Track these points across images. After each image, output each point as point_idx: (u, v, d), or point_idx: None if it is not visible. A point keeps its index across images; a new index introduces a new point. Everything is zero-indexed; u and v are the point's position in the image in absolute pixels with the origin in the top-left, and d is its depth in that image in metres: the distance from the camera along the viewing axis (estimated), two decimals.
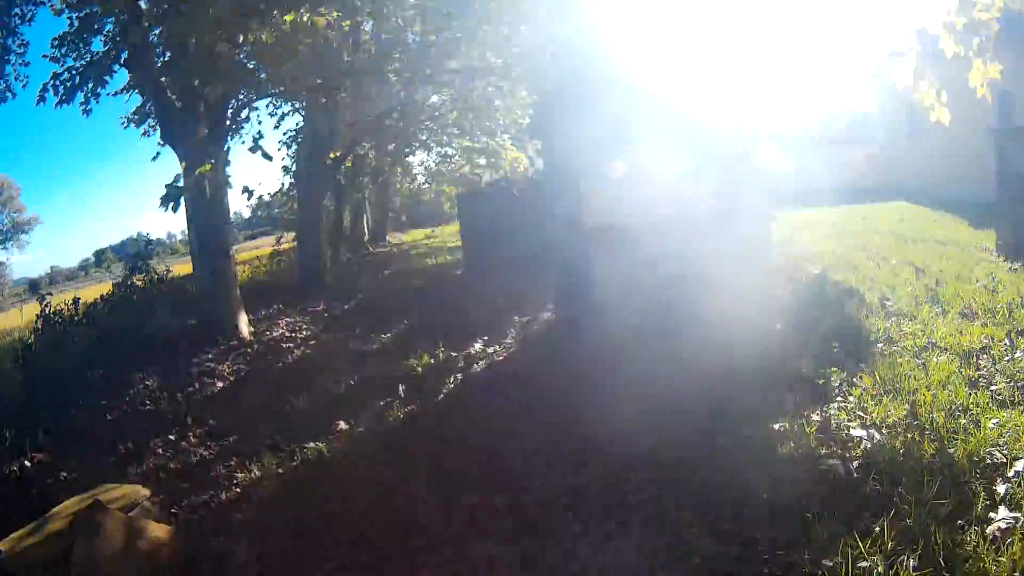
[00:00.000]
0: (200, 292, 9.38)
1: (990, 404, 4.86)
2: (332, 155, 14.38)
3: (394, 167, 24.29)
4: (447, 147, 20.87)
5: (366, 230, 26.23)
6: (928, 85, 6.14)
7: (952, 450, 4.13)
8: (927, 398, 4.96)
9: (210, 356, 8.51)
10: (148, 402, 6.92)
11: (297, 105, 16.60)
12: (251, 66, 9.09)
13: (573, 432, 4.77)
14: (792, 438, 4.38)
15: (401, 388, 6.36)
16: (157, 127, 11.25)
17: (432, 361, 7.28)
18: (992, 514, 3.33)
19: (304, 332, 9.80)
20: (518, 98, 13.54)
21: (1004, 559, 2.97)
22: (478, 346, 7.86)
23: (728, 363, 5.70)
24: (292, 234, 17.78)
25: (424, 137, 21.06)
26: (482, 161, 15.87)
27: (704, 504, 3.71)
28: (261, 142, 7.78)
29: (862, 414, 4.85)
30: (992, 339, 6.45)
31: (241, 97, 10.59)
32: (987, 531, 3.19)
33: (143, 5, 8.18)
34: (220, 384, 7.46)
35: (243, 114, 10.67)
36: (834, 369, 5.72)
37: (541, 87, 8.87)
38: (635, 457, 4.34)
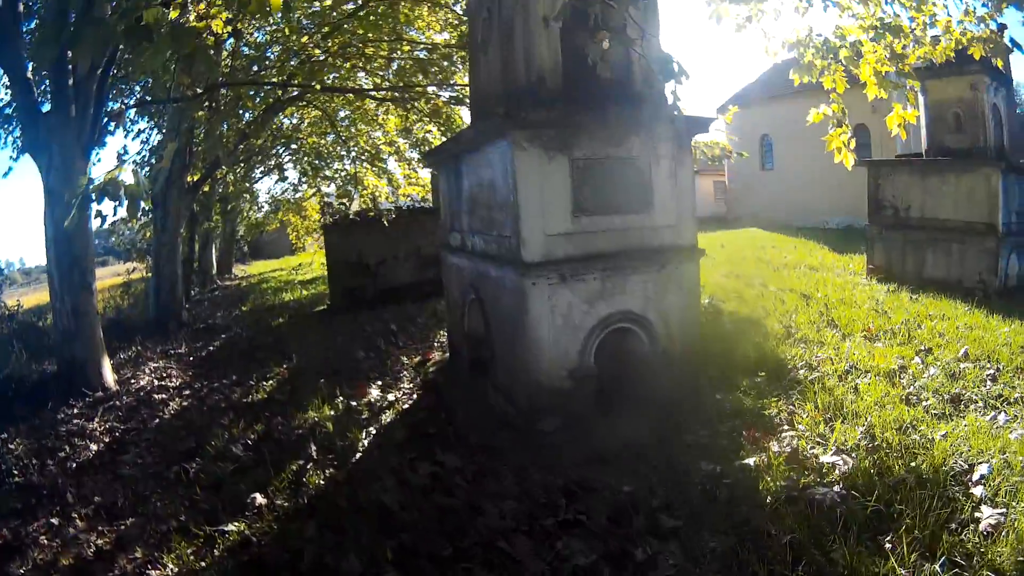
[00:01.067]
0: (58, 333, 8.64)
1: (927, 418, 5.65)
2: (191, 178, 14.38)
3: (242, 194, 24.88)
4: (298, 172, 21.30)
5: (213, 262, 26.16)
6: (841, 132, 7.37)
7: (919, 464, 4.90)
8: (876, 420, 5.77)
9: (77, 411, 7.89)
10: (16, 472, 6.16)
11: (158, 121, 16.32)
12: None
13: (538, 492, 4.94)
14: (767, 472, 4.87)
15: (312, 448, 6.08)
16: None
17: (333, 413, 7.04)
18: (977, 514, 4.03)
19: (175, 380, 9.36)
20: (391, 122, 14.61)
21: (1004, 549, 3.67)
22: (375, 392, 7.66)
23: (666, 398, 6.03)
24: (143, 265, 18.12)
25: (273, 163, 22.08)
26: (330, 189, 16.53)
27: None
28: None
29: (821, 440, 5.51)
30: (904, 359, 7.41)
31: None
32: (980, 529, 3.88)
33: None
34: (95, 447, 6.64)
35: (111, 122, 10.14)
36: (772, 399, 6.30)
37: None
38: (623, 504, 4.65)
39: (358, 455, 5.97)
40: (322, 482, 5.44)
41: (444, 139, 13.99)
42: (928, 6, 7.16)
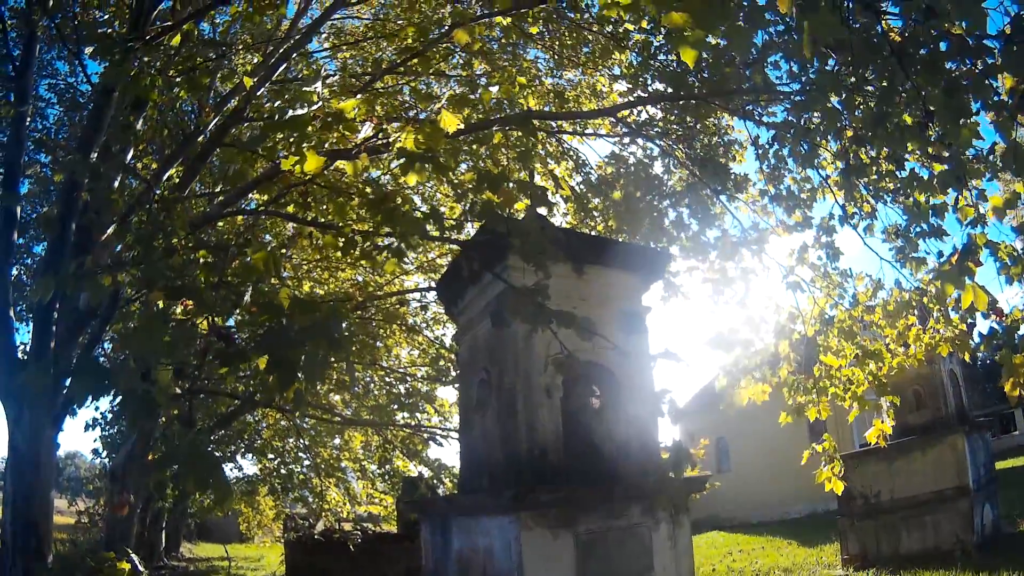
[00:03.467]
0: None
1: None
2: (153, 457, 13.64)
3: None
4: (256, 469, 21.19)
5: (162, 539, 24.75)
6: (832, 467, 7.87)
7: None
8: None
9: None
10: None
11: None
12: None
13: None
14: None
15: None
16: None
17: None
18: None
19: None
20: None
21: None
22: None
23: None
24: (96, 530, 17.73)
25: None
26: (290, 496, 16.32)
27: None
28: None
29: None
30: None
31: None
32: None
33: None
34: None
35: None
36: None
37: None
38: None
39: None
40: None
41: (411, 464, 14.13)
42: (902, 321, 7.82)
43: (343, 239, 6.09)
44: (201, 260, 4.85)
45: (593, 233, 9.46)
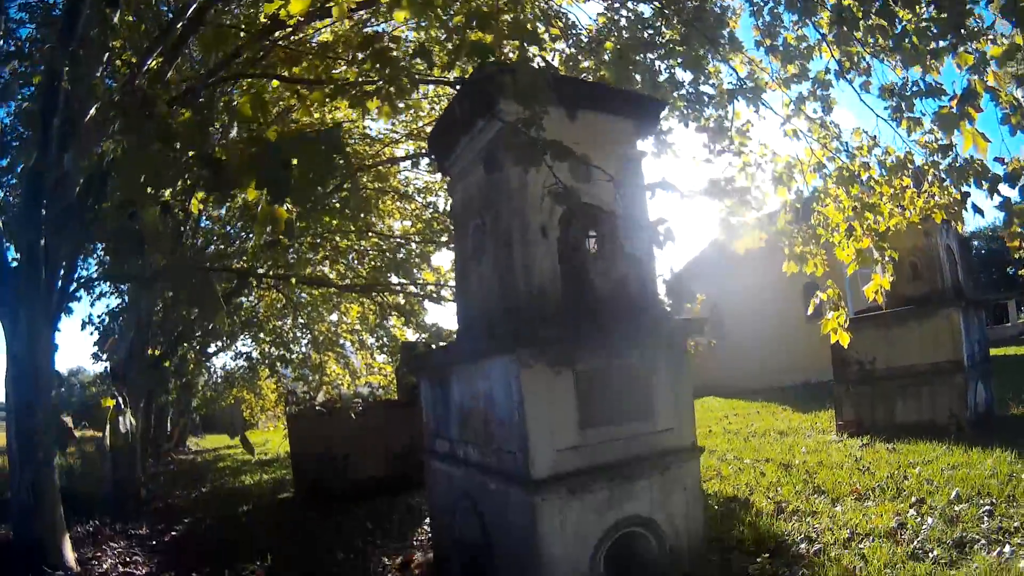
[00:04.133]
0: (16, 507, 8.04)
1: (937, 569, 5.93)
2: (153, 352, 14.09)
3: (198, 368, 24.63)
4: (256, 354, 21.34)
5: (168, 434, 25.99)
6: (838, 316, 7.84)
7: None
8: None
9: None
10: None
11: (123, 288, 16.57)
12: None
13: None
14: None
15: None
16: None
17: None
18: None
19: (141, 568, 8.80)
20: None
21: None
22: None
23: None
24: (100, 433, 16.61)
25: (230, 342, 22.02)
26: (289, 372, 16.51)
27: None
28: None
29: None
30: (901, 514, 7.62)
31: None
32: None
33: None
34: None
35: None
36: None
37: None
38: None
39: None
40: None
41: (407, 329, 14.21)
42: (897, 182, 7.74)
43: (330, 87, 5.93)
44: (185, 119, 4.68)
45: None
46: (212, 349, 24.88)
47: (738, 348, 29.09)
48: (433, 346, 13.07)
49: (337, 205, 12.62)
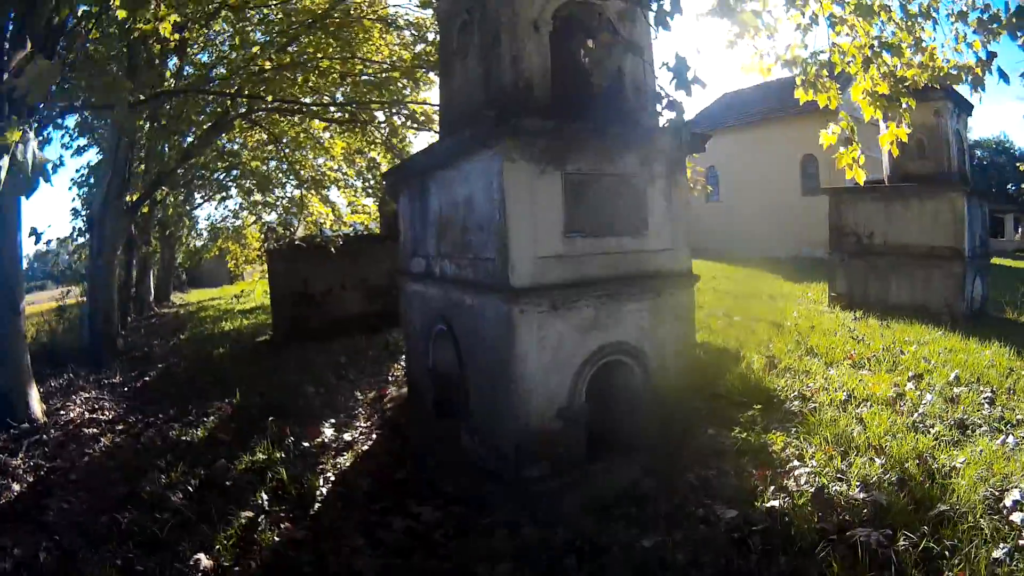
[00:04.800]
0: None
1: (940, 446, 5.50)
2: (131, 198, 13.55)
3: (181, 219, 24.47)
4: (237, 199, 21.05)
5: (151, 288, 25.26)
6: (852, 150, 7.09)
7: (950, 495, 4.60)
8: (894, 450, 5.45)
9: None
10: None
11: (97, 137, 16.15)
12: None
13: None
14: (795, 514, 4.42)
15: (263, 497, 5.35)
16: None
17: (283, 455, 6.33)
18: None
19: (108, 413, 8.53)
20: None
21: None
22: (329, 432, 6.99)
23: (659, 436, 5.59)
24: (78, 289, 17.12)
25: (215, 188, 21.53)
26: (271, 217, 15.92)
27: None
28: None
29: (841, 476, 5.10)
30: (899, 386, 7.25)
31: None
32: None
33: None
34: (17, 487, 5.84)
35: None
36: (773, 434, 5.95)
37: None
38: None
39: (317, 506, 5.30)
40: (278, 539, 4.75)
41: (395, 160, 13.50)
42: (918, 30, 6.96)
43: None
44: None
45: None
46: (198, 200, 24.43)
47: (732, 215, 28.49)
48: None
49: (318, 28, 11.73)
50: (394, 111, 13.34)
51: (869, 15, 7.01)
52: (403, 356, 9.18)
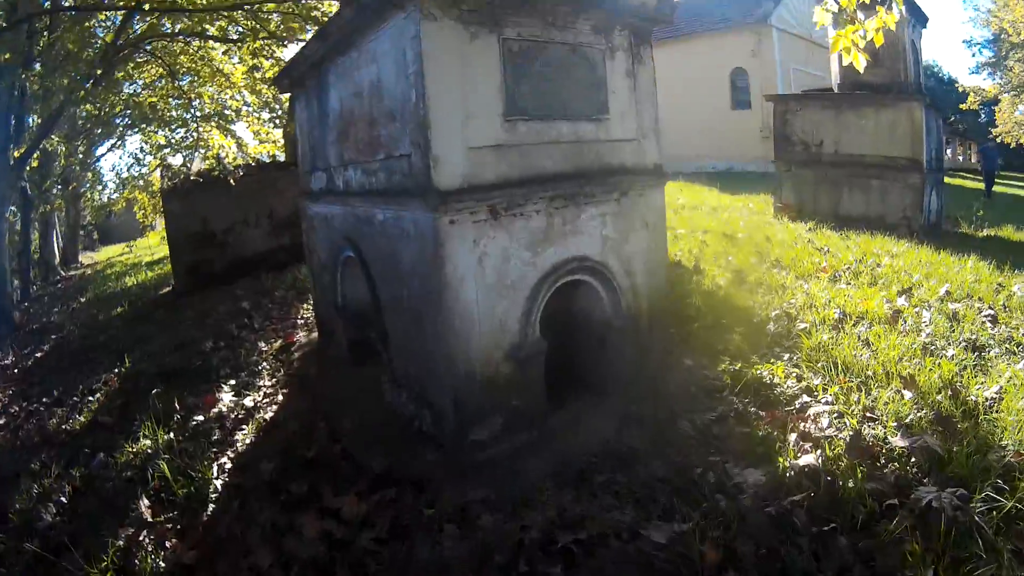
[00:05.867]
0: None
1: (963, 373, 4.51)
2: (17, 153, 12.13)
3: (84, 173, 22.46)
4: (141, 143, 18.49)
5: (56, 251, 23.51)
6: (853, 31, 5.90)
7: (999, 438, 3.53)
8: (923, 381, 4.39)
9: None
10: None
11: None
12: None
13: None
14: (836, 471, 3.35)
15: (144, 504, 3.96)
16: None
17: (170, 436, 4.95)
18: None
19: None
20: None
21: None
22: (228, 398, 5.67)
23: (635, 374, 4.53)
24: None
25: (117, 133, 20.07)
26: (177, 160, 14.20)
27: None
28: None
29: (870, 415, 4.03)
30: (891, 303, 6.24)
31: None
32: None
33: None
34: None
35: None
36: (768, 364, 4.89)
37: None
38: None
39: (210, 508, 3.92)
40: (163, 565, 3.42)
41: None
42: None
43: None
44: None
45: None
46: (102, 151, 22.76)
47: (662, 129, 27.41)
48: None
49: None
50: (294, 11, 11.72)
51: None
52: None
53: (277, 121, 13.58)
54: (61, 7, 11.02)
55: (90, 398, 6.63)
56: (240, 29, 12.24)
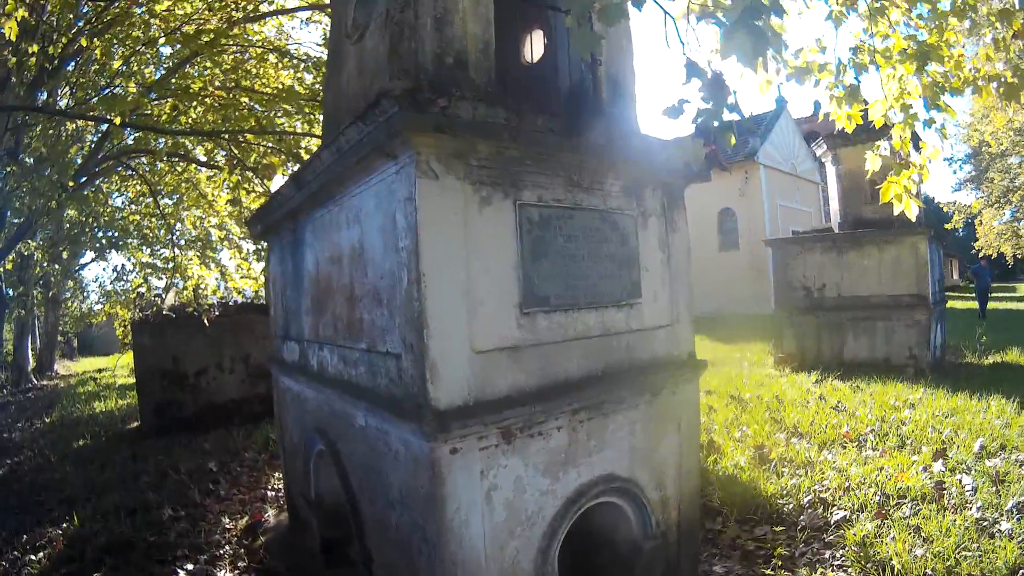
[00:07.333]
0: None
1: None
2: None
3: (65, 280, 21.92)
4: (124, 260, 17.99)
5: (29, 356, 22.18)
6: (907, 176, 5.38)
7: None
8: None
9: None
10: None
11: None
12: None
13: None
14: None
15: None
16: None
17: None
18: None
19: None
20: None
21: None
22: None
23: None
24: None
25: (100, 245, 18.70)
26: (160, 282, 13.46)
27: None
28: None
29: None
30: (930, 471, 5.56)
31: None
32: None
33: None
34: None
35: None
36: (814, 573, 4.07)
37: None
38: None
39: None
40: None
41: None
42: (948, 31, 5.37)
43: None
44: None
45: None
46: (85, 260, 22.17)
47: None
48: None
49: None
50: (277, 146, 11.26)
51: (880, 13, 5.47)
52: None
53: (261, 252, 12.87)
54: (30, 108, 10.55)
55: (32, 556, 5.68)
56: (224, 155, 11.77)
